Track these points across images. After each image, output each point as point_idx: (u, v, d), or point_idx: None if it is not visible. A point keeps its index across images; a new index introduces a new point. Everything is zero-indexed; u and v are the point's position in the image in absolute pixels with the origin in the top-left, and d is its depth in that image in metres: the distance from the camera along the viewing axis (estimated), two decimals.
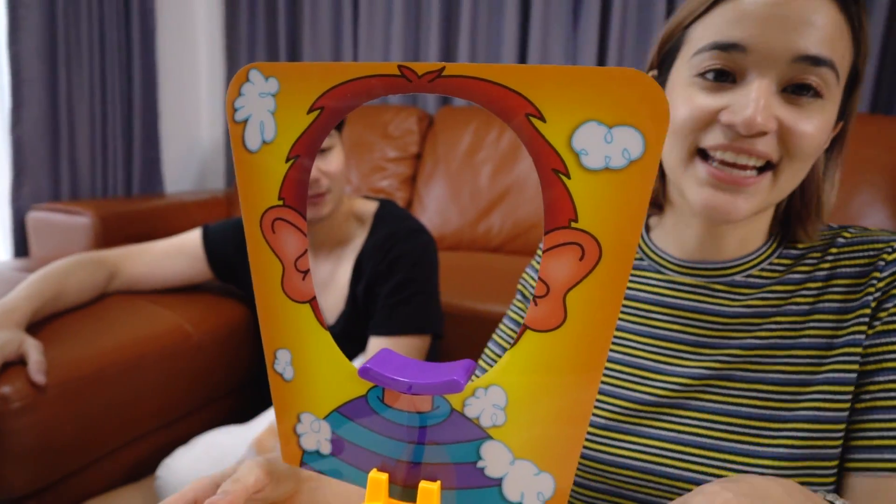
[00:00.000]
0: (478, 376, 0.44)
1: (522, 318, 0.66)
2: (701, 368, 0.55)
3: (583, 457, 0.57)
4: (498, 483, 0.36)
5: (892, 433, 0.50)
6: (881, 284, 0.52)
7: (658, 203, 0.62)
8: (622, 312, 0.60)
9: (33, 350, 0.83)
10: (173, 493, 0.95)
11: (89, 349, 0.91)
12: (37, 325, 0.91)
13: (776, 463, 0.51)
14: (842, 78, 0.49)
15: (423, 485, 0.36)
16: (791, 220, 0.57)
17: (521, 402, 0.34)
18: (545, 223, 0.31)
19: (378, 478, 0.36)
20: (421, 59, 2.17)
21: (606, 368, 0.59)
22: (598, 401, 0.58)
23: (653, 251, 0.61)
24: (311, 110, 0.34)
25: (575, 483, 0.58)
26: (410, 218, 1.12)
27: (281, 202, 0.36)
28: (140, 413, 0.99)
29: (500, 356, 0.66)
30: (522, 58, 2.05)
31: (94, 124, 1.89)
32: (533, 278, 0.67)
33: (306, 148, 0.34)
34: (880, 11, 1.66)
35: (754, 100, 0.47)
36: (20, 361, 0.83)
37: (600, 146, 0.29)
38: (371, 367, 0.35)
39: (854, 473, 0.50)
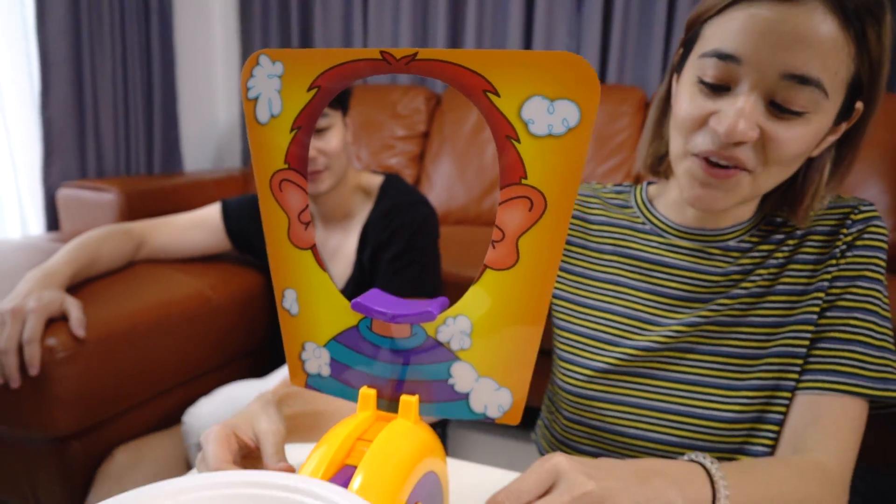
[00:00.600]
0: None
1: None
2: (694, 317, 0.62)
3: (590, 399, 0.65)
4: (465, 397, 0.44)
5: (832, 360, 0.58)
6: (847, 238, 0.60)
7: (658, 171, 0.68)
8: (625, 270, 0.67)
9: (74, 308, 0.93)
10: (197, 436, 1.06)
11: (121, 309, 1.01)
12: (74, 288, 1.01)
13: (752, 394, 0.60)
14: (834, 91, 0.51)
15: (404, 398, 0.44)
16: (784, 201, 0.62)
17: (484, 329, 0.42)
18: (500, 180, 0.38)
19: (367, 393, 0.44)
20: (429, 39, 2.22)
21: (607, 319, 0.66)
22: (602, 349, 0.65)
23: (655, 216, 0.67)
24: (310, 88, 0.41)
25: (580, 423, 0.66)
26: (413, 191, 1.19)
27: (286, 166, 0.43)
28: (166, 368, 1.09)
29: None
30: (528, 41, 2.09)
31: (117, 106, 1.96)
32: None
33: (306, 120, 0.42)
34: None
35: (737, 113, 0.51)
36: (62, 318, 0.93)
37: (544, 116, 0.37)
38: (361, 302, 0.43)
39: (799, 393, 0.58)
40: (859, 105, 0.55)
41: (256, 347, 1.32)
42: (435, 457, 0.44)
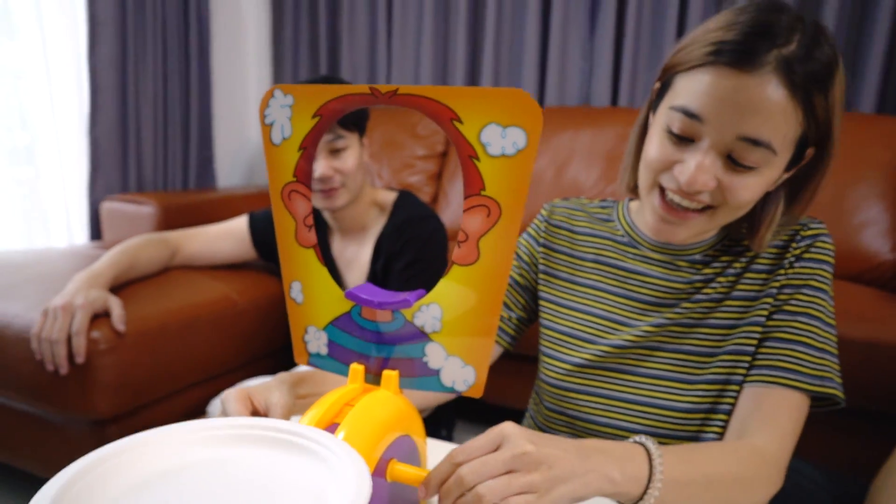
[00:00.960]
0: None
1: (514, 275, 0.81)
2: (661, 319, 0.70)
3: (567, 390, 0.73)
4: (437, 373, 0.52)
5: (776, 357, 0.65)
6: (797, 251, 0.68)
7: (636, 192, 0.74)
8: (604, 276, 0.75)
9: (115, 305, 1.05)
10: None
11: (157, 309, 1.12)
12: (116, 289, 1.12)
13: (707, 387, 0.67)
14: (783, 149, 0.58)
15: (386, 372, 0.53)
16: (743, 226, 0.69)
17: (452, 315, 0.50)
18: (464, 192, 0.47)
19: (357, 368, 0.53)
20: (449, 71, 2.32)
21: (585, 319, 0.74)
22: (580, 346, 0.73)
23: (632, 230, 0.75)
24: (314, 116, 0.51)
25: (559, 412, 0.75)
26: (424, 207, 1.29)
27: (294, 179, 0.53)
28: (195, 363, 1.20)
29: None
30: (543, 65, 2.18)
31: (156, 127, 2.10)
32: (528, 243, 0.81)
33: (311, 142, 0.52)
34: (885, 14, 1.72)
35: (697, 167, 0.58)
36: (105, 314, 1.05)
37: (499, 140, 0.46)
38: (353, 291, 0.52)
39: (745, 385, 0.65)
40: (809, 151, 0.62)
41: (276, 348, 1.42)
42: (410, 423, 0.52)
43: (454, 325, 0.51)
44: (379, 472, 0.46)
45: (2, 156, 1.77)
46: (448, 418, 1.31)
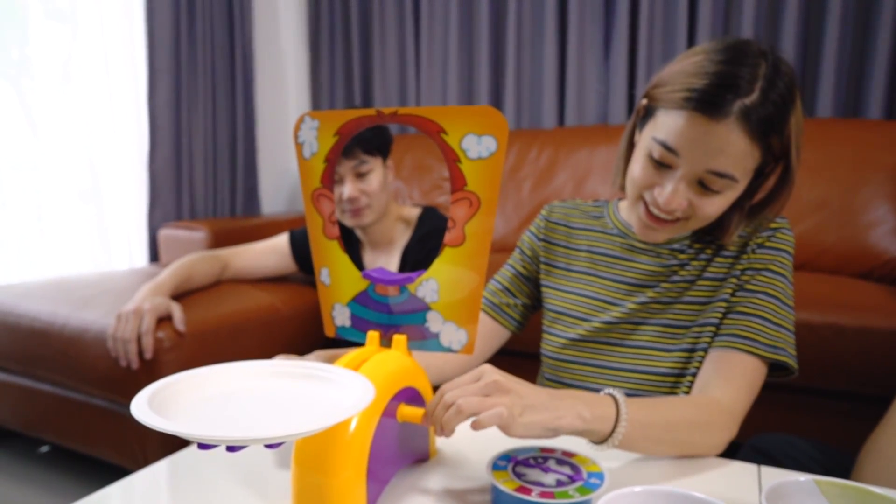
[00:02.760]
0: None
1: (518, 267, 0.94)
2: (644, 298, 0.81)
3: (565, 361, 0.85)
4: (436, 336, 0.64)
5: (736, 326, 0.75)
6: (759, 240, 0.78)
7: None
8: (596, 264, 0.86)
9: (177, 310, 1.21)
10: None
11: (211, 314, 1.28)
12: (176, 299, 1.29)
13: (681, 354, 0.78)
14: (744, 176, 0.69)
15: (396, 336, 0.65)
16: (715, 227, 0.80)
17: (446, 288, 0.63)
18: (451, 189, 0.60)
19: (373, 334, 0.66)
20: (474, 97, 2.47)
21: (580, 300, 0.86)
22: (575, 323, 0.85)
23: (619, 222, 0.87)
24: (335, 135, 0.65)
25: (556, 381, 0.86)
26: (446, 219, 1.42)
27: (321, 185, 0.67)
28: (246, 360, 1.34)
29: (499, 290, 0.94)
30: (562, 87, 2.31)
31: (206, 160, 2.30)
32: (530, 239, 0.94)
33: (333, 155, 0.66)
34: (888, 22, 1.78)
35: (672, 192, 0.70)
36: (168, 318, 1.21)
37: (475, 146, 0.58)
38: (368, 273, 0.65)
39: (709, 350, 0.75)
40: (769, 169, 0.73)
41: (314, 348, 1.56)
42: (416, 377, 0.64)
43: (448, 296, 0.63)
44: (389, 414, 0.58)
45: (71, 193, 1.99)
46: None
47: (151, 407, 0.44)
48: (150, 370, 1.16)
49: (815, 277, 1.53)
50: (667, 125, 0.70)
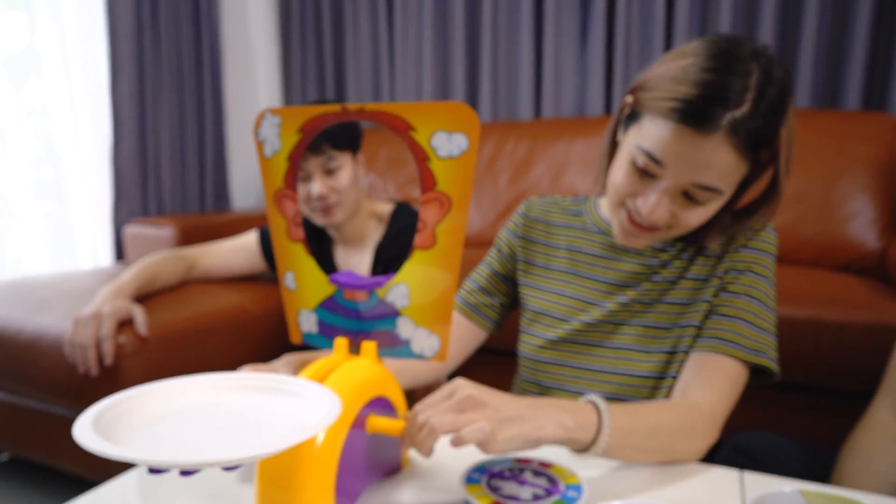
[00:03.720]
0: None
1: (496, 265, 0.91)
2: (624, 298, 0.79)
3: (542, 362, 0.82)
4: (407, 343, 0.61)
5: (718, 329, 0.73)
6: (742, 241, 0.76)
7: None
8: (575, 262, 0.84)
9: (139, 313, 1.16)
10: None
11: (176, 316, 1.23)
12: (139, 300, 1.23)
13: (662, 356, 0.76)
14: (729, 188, 0.67)
15: (365, 343, 0.62)
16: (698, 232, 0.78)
17: (417, 292, 0.60)
18: (420, 189, 0.57)
19: (341, 341, 0.63)
20: (449, 89, 2.43)
21: (559, 300, 0.83)
22: (554, 324, 0.82)
23: (600, 219, 0.85)
24: (297, 132, 0.61)
25: (534, 382, 0.84)
26: (418, 215, 1.38)
27: (283, 185, 0.63)
28: (213, 366, 1.30)
29: (475, 290, 0.91)
30: (538, 79, 2.28)
31: (174, 155, 2.23)
32: (507, 236, 0.91)
33: (296, 154, 0.62)
34: (865, 13, 1.78)
35: (656, 203, 0.67)
36: (130, 322, 1.16)
37: (446, 144, 0.55)
38: (335, 277, 0.62)
39: (690, 353, 0.74)
40: (756, 178, 0.70)
41: (286, 352, 1.52)
42: (387, 386, 0.61)
43: (419, 301, 0.60)
44: (358, 425, 0.55)
45: (30, 189, 1.91)
46: None
47: (98, 428, 0.41)
48: (111, 377, 1.11)
49: (794, 271, 1.53)
50: (652, 135, 0.66)
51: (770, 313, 0.74)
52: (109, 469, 1.18)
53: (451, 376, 1.03)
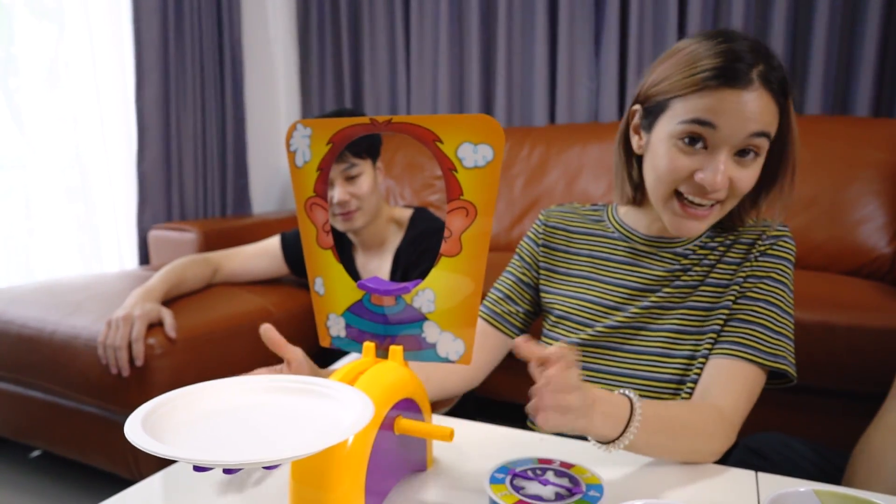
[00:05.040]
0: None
1: (518, 273, 0.93)
2: (646, 303, 0.81)
3: None
4: (433, 346, 0.64)
5: (737, 334, 0.75)
6: (762, 248, 0.78)
7: (636, 200, 0.85)
8: (597, 268, 0.86)
9: (168, 316, 1.20)
10: None
11: (202, 319, 1.27)
12: (166, 303, 1.27)
13: (684, 361, 0.77)
14: (771, 138, 0.71)
15: (392, 347, 0.64)
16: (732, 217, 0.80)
17: (443, 298, 0.62)
18: (447, 198, 0.59)
19: (369, 345, 0.65)
20: (465, 98, 2.45)
21: (582, 305, 0.85)
22: (577, 329, 0.84)
23: (623, 227, 0.86)
24: (328, 143, 0.64)
25: None
26: (438, 220, 1.41)
27: (314, 194, 0.66)
28: (237, 366, 1.33)
29: (500, 299, 0.92)
30: (553, 85, 2.30)
31: (196, 161, 2.27)
32: (528, 245, 0.93)
33: (326, 164, 0.65)
34: (874, 21, 1.79)
35: (721, 171, 0.69)
36: (159, 324, 1.20)
37: (472, 155, 0.58)
38: (363, 283, 0.65)
39: (710, 358, 0.75)
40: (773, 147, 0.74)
41: (310, 354, 1.55)
42: (414, 389, 0.63)
43: (445, 306, 0.62)
44: (387, 426, 0.58)
45: (59, 192, 1.97)
46: (472, 408, 1.41)
47: (146, 427, 0.43)
48: (142, 377, 1.15)
49: (806, 275, 1.54)
50: (694, 107, 0.70)
51: (788, 318, 0.75)
52: (139, 466, 1.22)
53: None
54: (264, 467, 0.40)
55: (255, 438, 0.45)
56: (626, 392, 0.63)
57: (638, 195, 0.84)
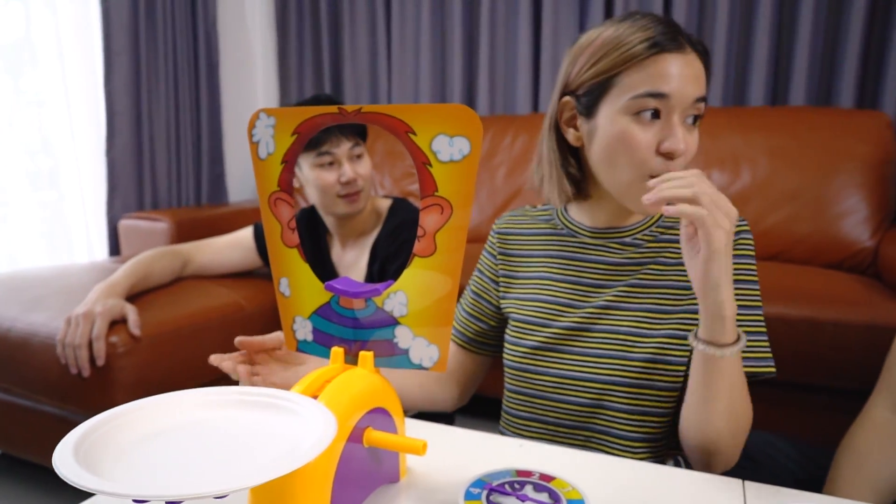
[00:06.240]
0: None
1: (478, 290, 0.90)
2: (602, 301, 0.77)
3: (522, 370, 0.81)
4: (406, 352, 0.60)
5: None
6: None
7: (585, 194, 0.81)
8: (551, 267, 0.83)
9: (131, 312, 1.14)
10: None
11: (170, 314, 1.22)
12: (132, 298, 1.22)
13: (645, 364, 0.74)
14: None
15: (362, 353, 0.60)
16: None
17: (416, 301, 0.58)
18: (420, 193, 0.55)
19: (337, 350, 0.61)
20: (447, 86, 2.40)
21: (536, 305, 0.82)
22: (534, 330, 0.81)
23: (570, 222, 0.83)
24: (293, 134, 0.59)
25: (519, 392, 0.82)
26: (417, 210, 1.36)
27: (278, 188, 0.61)
28: (207, 365, 1.28)
29: (467, 320, 0.91)
30: (536, 78, 2.26)
31: (169, 148, 2.21)
32: (487, 259, 0.90)
33: (291, 156, 0.60)
34: (858, 14, 1.78)
35: (681, 137, 0.69)
36: (123, 321, 1.14)
37: (447, 148, 0.53)
38: (331, 284, 0.60)
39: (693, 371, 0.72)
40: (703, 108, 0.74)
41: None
42: (385, 397, 0.60)
43: (419, 310, 0.58)
44: (355, 439, 0.54)
45: (25, 179, 1.89)
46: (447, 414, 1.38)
47: (80, 453, 0.39)
48: (103, 377, 1.10)
49: (789, 269, 1.53)
50: (643, 79, 0.69)
51: (760, 313, 0.73)
52: None
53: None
54: (214, 497, 0.36)
55: (207, 461, 0.41)
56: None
57: (582, 190, 0.80)
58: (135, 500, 0.37)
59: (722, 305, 0.61)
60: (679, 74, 0.69)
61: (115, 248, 2.06)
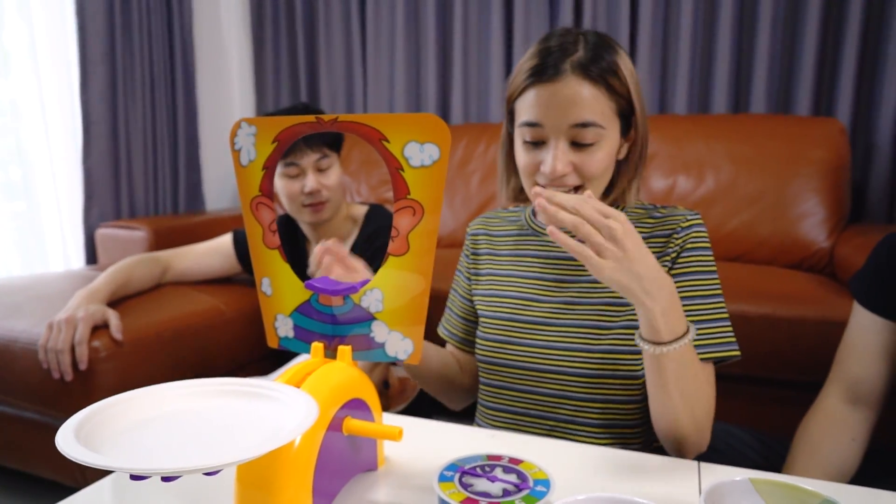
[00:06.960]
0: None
1: (462, 291, 0.95)
2: (566, 297, 0.82)
3: (491, 363, 0.85)
4: (382, 345, 0.64)
5: None
6: (679, 242, 0.79)
7: (527, 200, 0.89)
8: (517, 265, 0.88)
9: (113, 317, 1.16)
10: None
11: (151, 319, 1.23)
12: (113, 304, 1.23)
13: (605, 356, 0.78)
14: (609, 122, 0.75)
15: (341, 347, 0.64)
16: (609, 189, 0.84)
17: (390, 297, 0.62)
18: (394, 197, 0.59)
19: (318, 345, 0.65)
20: (422, 95, 2.44)
21: (503, 301, 0.86)
22: (498, 324, 0.85)
23: (534, 223, 0.89)
24: (273, 142, 0.63)
25: (490, 385, 0.86)
26: (391, 217, 1.40)
27: (260, 193, 0.65)
28: (188, 368, 1.30)
29: (458, 322, 0.95)
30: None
31: (146, 156, 2.20)
32: (464, 260, 0.95)
33: (272, 162, 0.64)
34: (813, 23, 1.87)
35: (552, 159, 0.75)
36: (105, 326, 1.16)
37: (418, 154, 0.58)
38: (311, 283, 0.64)
39: None
40: (635, 120, 0.79)
41: (262, 354, 1.53)
42: (362, 389, 0.63)
43: (393, 305, 0.62)
44: (335, 427, 0.57)
45: (2, 190, 1.88)
46: (428, 405, 1.41)
47: (80, 436, 0.42)
48: (86, 382, 1.11)
49: (751, 269, 1.60)
50: (524, 108, 0.76)
51: (719, 301, 0.77)
52: (85, 474, 1.18)
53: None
54: (205, 473, 0.40)
55: (196, 444, 0.45)
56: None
57: (523, 194, 0.88)
58: (133, 477, 0.40)
59: (644, 306, 0.64)
60: (548, 104, 0.74)
61: (91, 257, 2.06)
